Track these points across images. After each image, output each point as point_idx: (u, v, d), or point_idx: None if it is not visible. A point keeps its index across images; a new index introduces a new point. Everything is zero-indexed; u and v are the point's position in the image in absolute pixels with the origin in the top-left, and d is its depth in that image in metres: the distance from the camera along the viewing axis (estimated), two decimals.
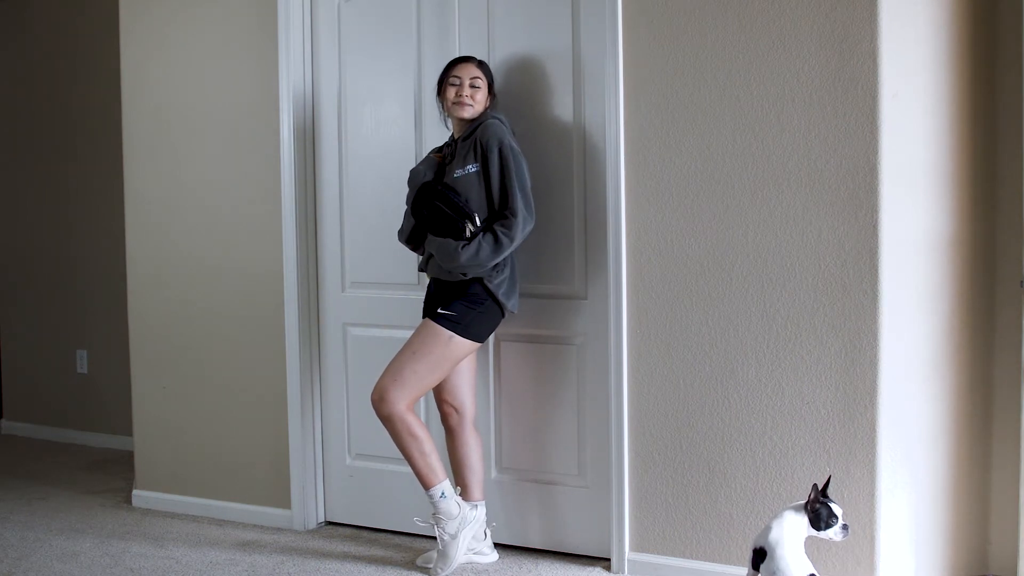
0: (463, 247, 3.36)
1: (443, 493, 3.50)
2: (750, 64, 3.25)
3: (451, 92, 3.48)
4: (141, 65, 4.41)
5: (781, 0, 3.20)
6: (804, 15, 3.17)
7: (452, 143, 3.55)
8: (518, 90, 3.66)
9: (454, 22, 3.78)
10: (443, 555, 3.53)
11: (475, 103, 3.48)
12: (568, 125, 3.60)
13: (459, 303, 3.44)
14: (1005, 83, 3.30)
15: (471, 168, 3.43)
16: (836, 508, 2.85)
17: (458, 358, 3.47)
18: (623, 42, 3.44)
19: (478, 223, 3.40)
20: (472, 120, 3.51)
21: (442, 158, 3.56)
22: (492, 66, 3.70)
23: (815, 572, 2.82)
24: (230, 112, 4.22)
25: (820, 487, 2.90)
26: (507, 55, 3.69)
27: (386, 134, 3.93)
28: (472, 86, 3.48)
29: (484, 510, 3.64)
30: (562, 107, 3.61)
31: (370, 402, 3.51)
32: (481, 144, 3.43)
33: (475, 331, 3.46)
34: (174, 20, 4.31)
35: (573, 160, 3.60)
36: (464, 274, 3.41)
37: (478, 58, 3.58)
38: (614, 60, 3.45)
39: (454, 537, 3.52)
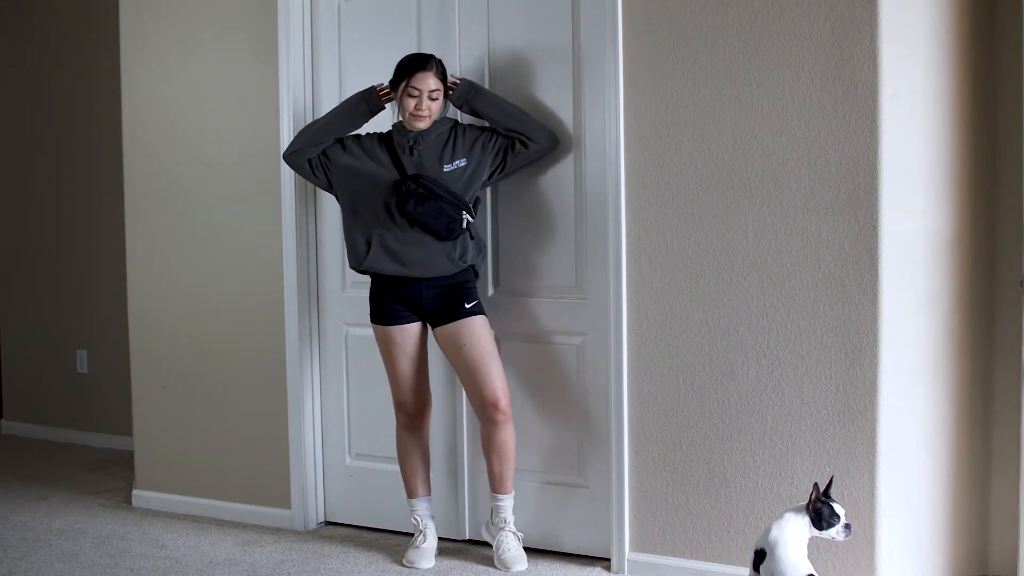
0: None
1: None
2: (750, 64, 3.25)
3: (410, 103, 3.50)
4: (141, 64, 4.41)
5: (781, 0, 3.20)
6: (804, 15, 3.16)
7: (406, 134, 3.56)
8: (518, 89, 3.66)
9: (454, 22, 3.77)
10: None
11: (432, 115, 3.53)
12: (568, 125, 3.60)
13: (469, 292, 3.57)
14: (1005, 83, 3.29)
15: (460, 163, 3.53)
16: (838, 508, 2.85)
17: None
18: (623, 41, 3.44)
19: (474, 215, 3.55)
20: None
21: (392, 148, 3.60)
22: (492, 65, 3.70)
23: (814, 573, 2.82)
24: (230, 112, 4.22)
25: (823, 486, 2.90)
26: (507, 54, 3.69)
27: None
28: (432, 99, 3.50)
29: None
30: (562, 107, 3.61)
31: (483, 411, 3.55)
32: (469, 137, 3.56)
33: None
34: (174, 20, 4.31)
35: (573, 160, 3.60)
36: (463, 260, 3.55)
37: (435, 60, 3.53)
38: (614, 60, 3.45)
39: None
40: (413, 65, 3.49)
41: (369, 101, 3.62)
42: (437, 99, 3.51)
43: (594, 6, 3.52)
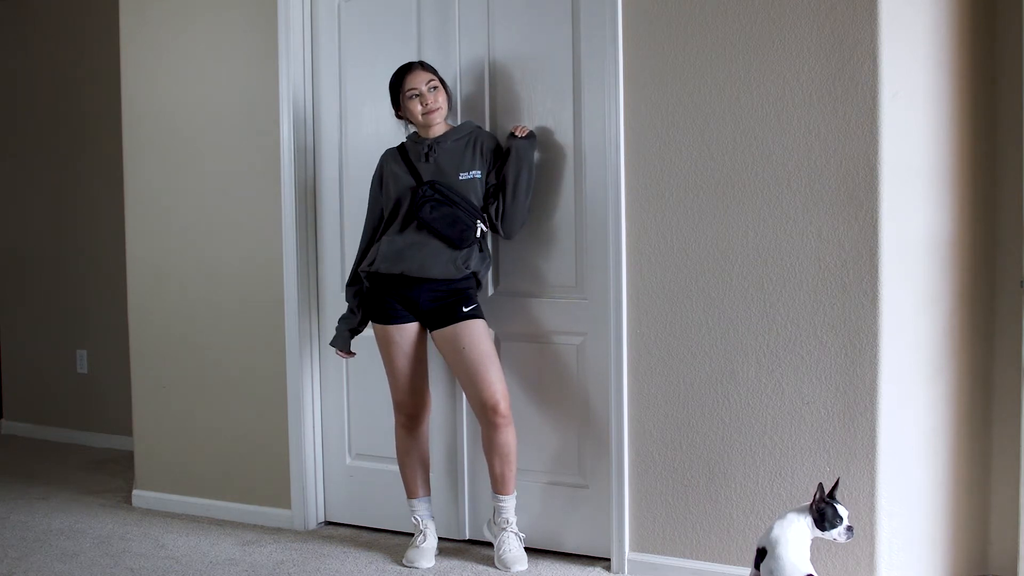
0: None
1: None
2: (750, 64, 3.25)
3: (417, 105, 3.56)
4: (141, 65, 4.41)
5: (781, 0, 3.20)
6: (804, 15, 3.17)
7: (420, 143, 3.62)
8: (518, 90, 3.66)
9: (454, 21, 3.78)
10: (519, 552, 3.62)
11: (441, 105, 3.59)
12: (568, 125, 3.60)
13: (469, 296, 3.57)
14: (1005, 83, 3.30)
15: (475, 174, 3.55)
16: (842, 509, 2.85)
17: None
18: (623, 42, 3.44)
19: (487, 225, 3.58)
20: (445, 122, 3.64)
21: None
22: (492, 65, 3.71)
23: (813, 573, 2.82)
24: (230, 112, 4.22)
25: (828, 487, 2.90)
26: (507, 54, 3.69)
27: (386, 134, 3.93)
28: (432, 89, 3.57)
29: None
30: (562, 107, 3.61)
31: (483, 414, 3.54)
32: (486, 147, 3.58)
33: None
34: (174, 21, 4.32)
35: (573, 160, 3.60)
36: (467, 266, 3.55)
37: (418, 60, 3.66)
38: (614, 60, 3.45)
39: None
40: (400, 73, 3.60)
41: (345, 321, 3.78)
42: (438, 87, 3.58)
43: (594, 6, 3.52)
